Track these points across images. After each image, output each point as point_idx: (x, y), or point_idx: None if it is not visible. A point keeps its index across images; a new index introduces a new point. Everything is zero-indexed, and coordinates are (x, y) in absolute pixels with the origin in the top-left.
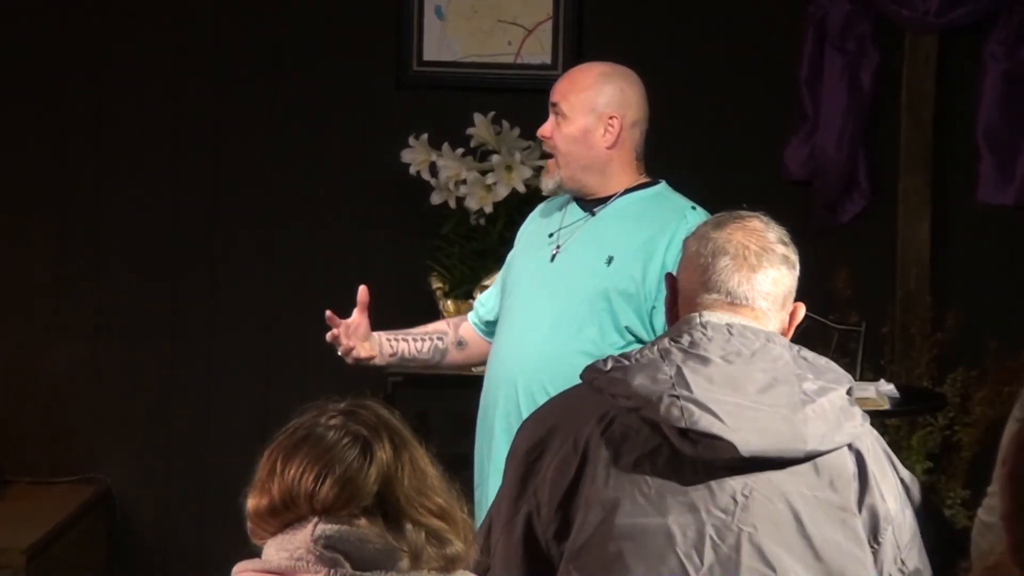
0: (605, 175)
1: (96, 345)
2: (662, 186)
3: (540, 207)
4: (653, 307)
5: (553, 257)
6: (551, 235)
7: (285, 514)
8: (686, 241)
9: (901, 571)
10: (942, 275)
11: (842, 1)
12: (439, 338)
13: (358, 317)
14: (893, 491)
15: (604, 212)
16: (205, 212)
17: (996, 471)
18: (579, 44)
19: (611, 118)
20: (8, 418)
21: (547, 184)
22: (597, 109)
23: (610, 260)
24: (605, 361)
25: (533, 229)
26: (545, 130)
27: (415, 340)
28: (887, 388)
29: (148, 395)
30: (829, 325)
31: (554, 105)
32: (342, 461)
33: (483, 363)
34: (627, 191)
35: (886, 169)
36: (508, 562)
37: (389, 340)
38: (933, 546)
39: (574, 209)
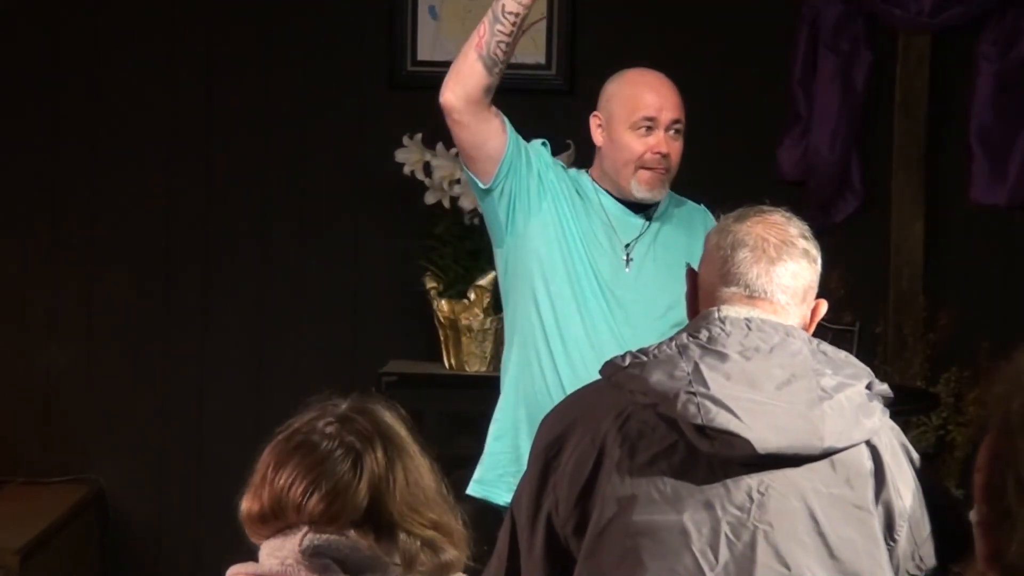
0: None
1: (89, 345)
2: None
3: (569, 176)
4: None
5: (627, 264)
6: (627, 245)
7: (275, 522)
8: (708, 234)
9: (919, 567)
10: (935, 275)
11: (835, 1)
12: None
13: None
14: (910, 486)
15: (655, 216)
16: (198, 212)
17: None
18: (573, 44)
19: None
20: (1, 418)
21: (662, 193)
22: None
23: None
24: (623, 357)
25: (571, 196)
26: (668, 147)
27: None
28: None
29: (141, 395)
30: (823, 325)
31: (676, 121)
32: (332, 475)
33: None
34: None
35: (879, 169)
36: (533, 564)
37: None
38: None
39: (618, 207)
